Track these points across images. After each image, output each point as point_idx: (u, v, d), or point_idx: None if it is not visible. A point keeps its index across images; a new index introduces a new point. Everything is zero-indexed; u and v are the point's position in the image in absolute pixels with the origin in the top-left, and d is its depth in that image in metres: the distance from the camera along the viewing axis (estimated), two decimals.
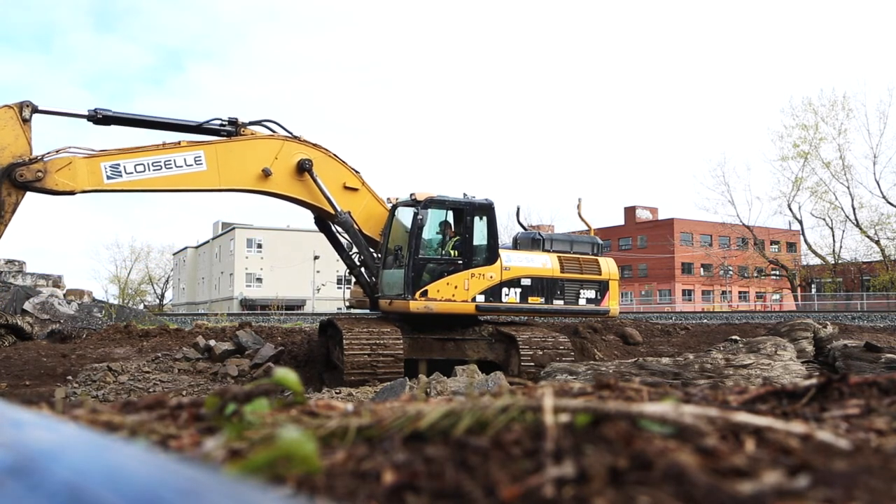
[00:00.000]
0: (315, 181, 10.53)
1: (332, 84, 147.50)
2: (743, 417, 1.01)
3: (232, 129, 10.05)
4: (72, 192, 8.67)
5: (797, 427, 0.99)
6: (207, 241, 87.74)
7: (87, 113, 9.16)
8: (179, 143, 9.50)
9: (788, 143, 48.84)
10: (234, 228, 75.29)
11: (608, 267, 12.48)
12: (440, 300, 10.77)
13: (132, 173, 8.97)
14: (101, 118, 9.18)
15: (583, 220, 13.55)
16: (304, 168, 10.43)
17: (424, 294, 10.69)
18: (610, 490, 0.77)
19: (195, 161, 9.42)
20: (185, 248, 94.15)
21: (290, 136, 10.53)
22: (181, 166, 9.30)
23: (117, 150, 9.07)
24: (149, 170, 9.07)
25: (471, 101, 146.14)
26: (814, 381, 1.35)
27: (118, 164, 8.90)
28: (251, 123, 10.28)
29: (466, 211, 11.24)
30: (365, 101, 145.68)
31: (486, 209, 11.37)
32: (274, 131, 10.50)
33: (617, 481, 0.80)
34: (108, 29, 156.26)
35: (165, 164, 9.19)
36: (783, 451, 0.91)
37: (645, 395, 1.26)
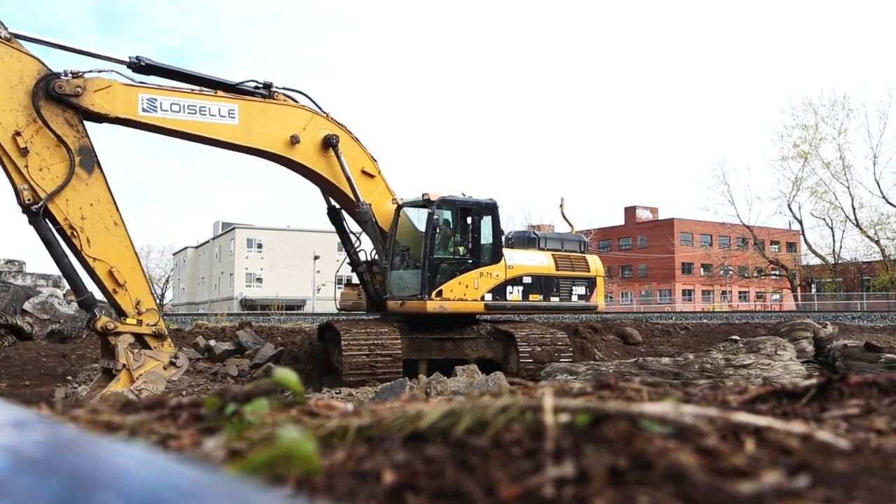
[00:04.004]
0: (339, 160, 10.56)
1: (333, 84, 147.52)
2: (743, 417, 1.01)
3: (266, 93, 10.07)
4: (105, 117, 8.58)
5: (797, 427, 0.99)
6: (207, 241, 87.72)
7: (127, 59, 9.06)
8: (216, 92, 9.56)
9: (788, 143, 48.88)
10: (234, 228, 75.28)
11: (595, 264, 12.79)
12: (453, 300, 10.86)
13: (167, 111, 8.99)
14: (143, 66, 9.15)
15: (566, 219, 13.76)
16: (330, 143, 10.44)
17: (439, 294, 10.76)
18: (610, 490, 0.77)
19: (228, 113, 9.48)
20: (185, 248, 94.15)
21: (319, 110, 10.59)
22: (214, 115, 9.36)
23: (156, 85, 9.13)
24: (183, 111, 9.12)
25: (471, 101, 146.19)
26: (814, 381, 1.35)
27: (155, 99, 8.92)
28: (285, 89, 10.34)
29: (474, 210, 11.37)
30: (365, 100, 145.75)
31: (492, 209, 11.53)
32: (297, 101, 10.55)
33: (617, 481, 0.80)
34: (111, 31, 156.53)
35: (200, 110, 9.25)
36: (783, 451, 0.91)
37: (645, 395, 1.26)
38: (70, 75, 8.30)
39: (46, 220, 8.12)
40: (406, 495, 0.78)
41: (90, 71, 8.54)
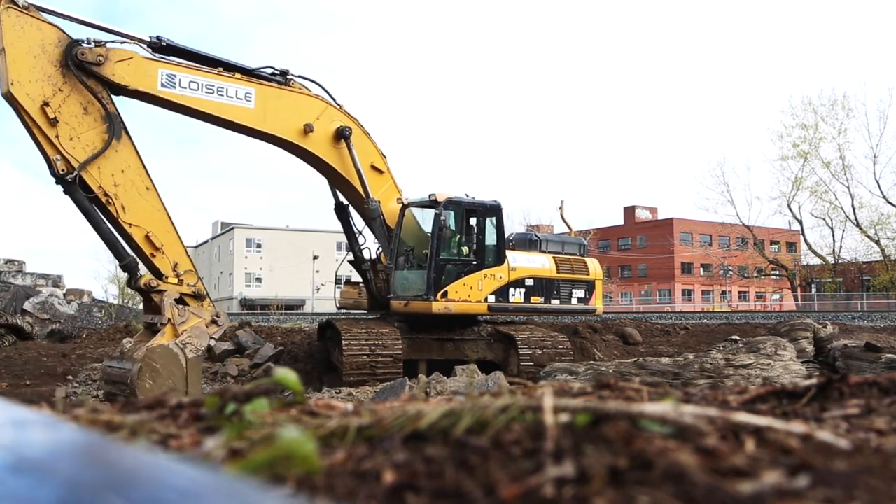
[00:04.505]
0: (351, 152, 10.62)
1: (333, 84, 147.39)
2: (743, 417, 1.01)
3: (282, 80, 10.18)
4: (124, 89, 8.64)
5: (797, 427, 0.99)
6: (207, 241, 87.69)
7: (147, 38, 9.11)
8: (234, 74, 9.63)
9: (788, 143, 48.73)
10: (233, 228, 75.25)
11: (594, 267, 12.89)
12: (458, 301, 10.87)
13: (185, 88, 9.09)
14: (163, 46, 9.19)
15: (565, 221, 13.82)
16: (342, 135, 10.50)
17: (445, 295, 10.76)
18: (610, 490, 0.77)
19: (245, 96, 9.58)
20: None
21: (333, 101, 10.68)
22: (231, 97, 9.46)
23: (176, 62, 9.19)
24: (201, 90, 9.22)
25: (471, 101, 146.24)
26: (814, 381, 1.35)
27: (175, 75, 9.02)
28: (300, 77, 10.46)
29: (479, 212, 11.39)
30: (365, 100, 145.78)
31: (496, 210, 11.54)
32: (309, 89, 10.62)
33: (617, 481, 0.80)
34: None
35: (218, 90, 9.35)
36: (783, 451, 0.91)
37: (645, 395, 1.26)
38: (92, 44, 8.37)
39: (81, 189, 8.23)
40: (406, 495, 0.78)
41: (112, 41, 8.62)
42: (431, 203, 11.12)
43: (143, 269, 9.12)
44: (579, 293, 12.40)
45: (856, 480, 0.81)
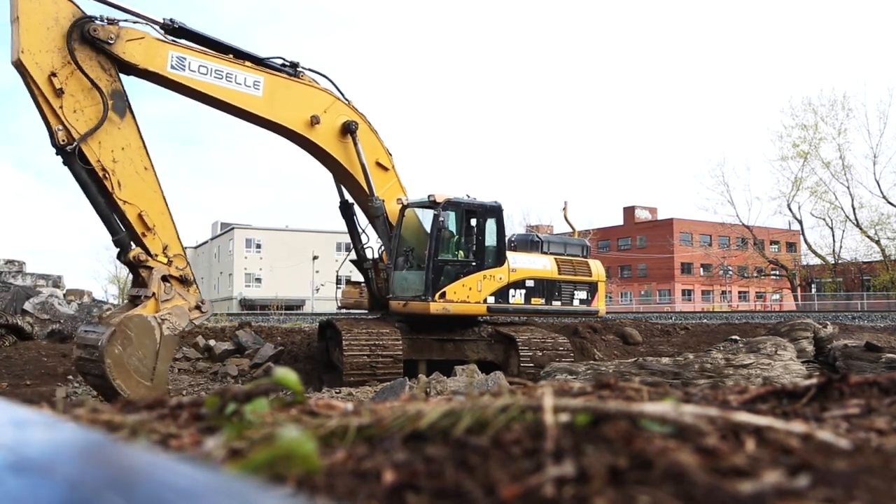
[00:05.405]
0: (356, 147, 10.66)
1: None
2: (743, 417, 1.01)
3: (291, 71, 10.26)
4: (134, 68, 8.71)
5: (797, 427, 0.99)
6: (206, 242, 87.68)
7: (160, 20, 9.17)
8: (244, 62, 9.71)
9: (788, 143, 48.77)
10: (233, 228, 75.24)
11: (597, 269, 12.88)
12: (456, 301, 10.86)
13: (194, 72, 9.16)
14: (175, 28, 9.25)
15: (568, 222, 13.82)
16: (349, 129, 10.56)
17: (443, 296, 10.76)
18: (610, 490, 0.77)
19: (254, 84, 9.66)
20: (184, 248, 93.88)
21: (342, 96, 10.74)
22: (240, 84, 9.53)
23: (187, 45, 9.28)
24: (210, 75, 9.29)
25: (471, 101, 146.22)
26: (814, 381, 1.35)
27: (185, 58, 9.11)
28: (310, 70, 10.53)
29: (479, 213, 11.37)
30: (365, 100, 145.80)
31: (496, 211, 11.52)
32: (318, 83, 10.66)
33: (617, 481, 0.80)
34: None
35: (227, 76, 9.43)
36: (783, 451, 0.91)
37: (645, 395, 1.26)
38: (105, 21, 8.44)
39: (80, 161, 8.27)
40: (406, 495, 0.78)
41: (125, 20, 8.69)
42: (430, 204, 11.11)
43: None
44: (581, 294, 12.40)
45: (856, 480, 0.81)
